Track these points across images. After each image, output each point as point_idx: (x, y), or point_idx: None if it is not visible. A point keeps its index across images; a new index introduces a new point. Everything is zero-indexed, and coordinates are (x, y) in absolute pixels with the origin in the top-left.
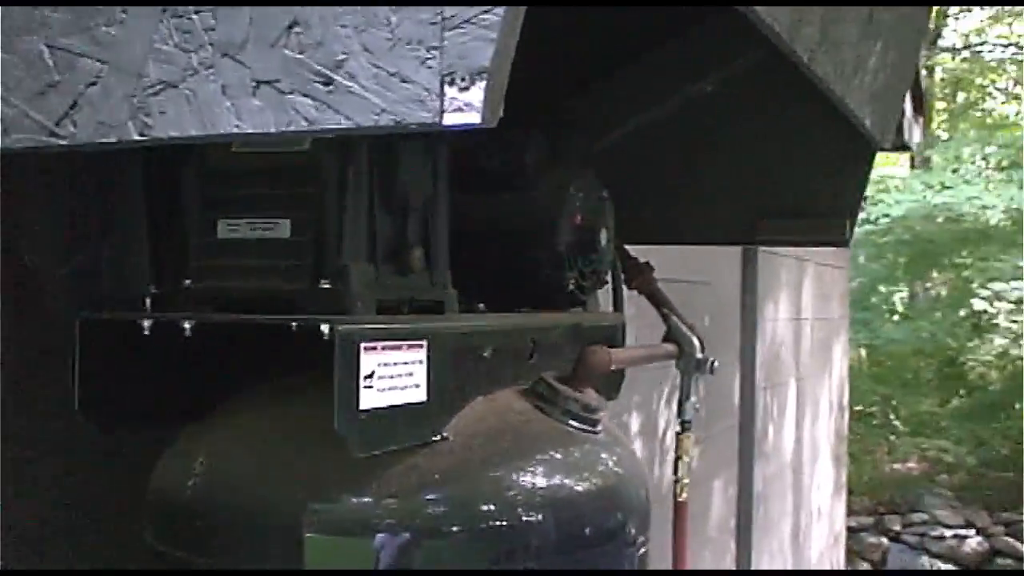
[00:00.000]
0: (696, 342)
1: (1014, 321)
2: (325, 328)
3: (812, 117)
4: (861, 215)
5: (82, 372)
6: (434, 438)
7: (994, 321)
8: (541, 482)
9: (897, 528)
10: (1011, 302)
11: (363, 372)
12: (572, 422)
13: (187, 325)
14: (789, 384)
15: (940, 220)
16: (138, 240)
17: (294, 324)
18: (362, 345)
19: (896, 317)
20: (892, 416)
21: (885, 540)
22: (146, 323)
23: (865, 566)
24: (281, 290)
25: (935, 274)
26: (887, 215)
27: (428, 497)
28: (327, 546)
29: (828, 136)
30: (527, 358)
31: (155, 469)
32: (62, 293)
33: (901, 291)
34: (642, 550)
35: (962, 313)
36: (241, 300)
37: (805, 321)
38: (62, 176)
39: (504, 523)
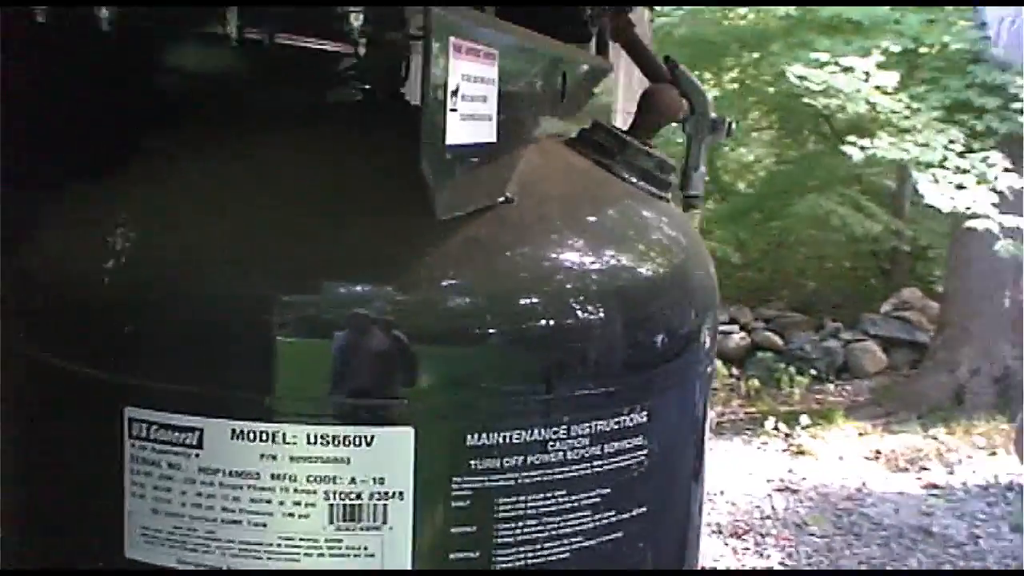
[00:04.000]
0: (710, 98)
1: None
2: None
3: None
4: None
5: None
6: (499, 200)
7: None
8: (626, 266)
9: None
10: (817, 83)
11: (451, 84)
12: (643, 183)
13: (104, 13)
14: None
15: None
16: None
17: None
18: (452, 40)
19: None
20: None
21: None
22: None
23: None
24: None
25: (710, 75)
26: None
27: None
28: (298, 352)
29: None
30: (560, 98)
31: (36, 241)
32: None
33: None
34: (710, 369)
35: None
36: None
37: (617, 114)
38: None
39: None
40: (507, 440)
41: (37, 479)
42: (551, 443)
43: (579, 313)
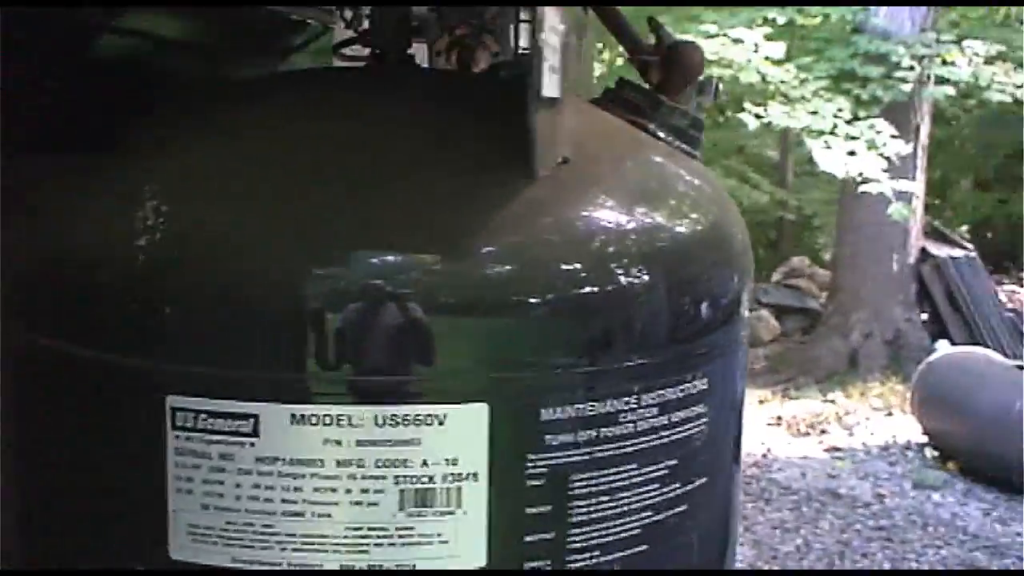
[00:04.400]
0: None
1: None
2: None
3: None
4: None
5: None
6: (559, 160)
7: None
8: (677, 230)
9: None
10: (710, 54)
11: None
12: (678, 142)
13: None
14: None
15: None
16: None
17: None
18: None
19: None
20: None
21: None
22: None
23: None
24: None
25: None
26: None
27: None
28: (362, 328)
29: None
30: (578, 53)
31: (46, 221)
32: None
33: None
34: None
35: None
36: None
37: None
38: None
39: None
40: (580, 413)
41: (57, 480)
42: (622, 414)
43: (646, 279)
